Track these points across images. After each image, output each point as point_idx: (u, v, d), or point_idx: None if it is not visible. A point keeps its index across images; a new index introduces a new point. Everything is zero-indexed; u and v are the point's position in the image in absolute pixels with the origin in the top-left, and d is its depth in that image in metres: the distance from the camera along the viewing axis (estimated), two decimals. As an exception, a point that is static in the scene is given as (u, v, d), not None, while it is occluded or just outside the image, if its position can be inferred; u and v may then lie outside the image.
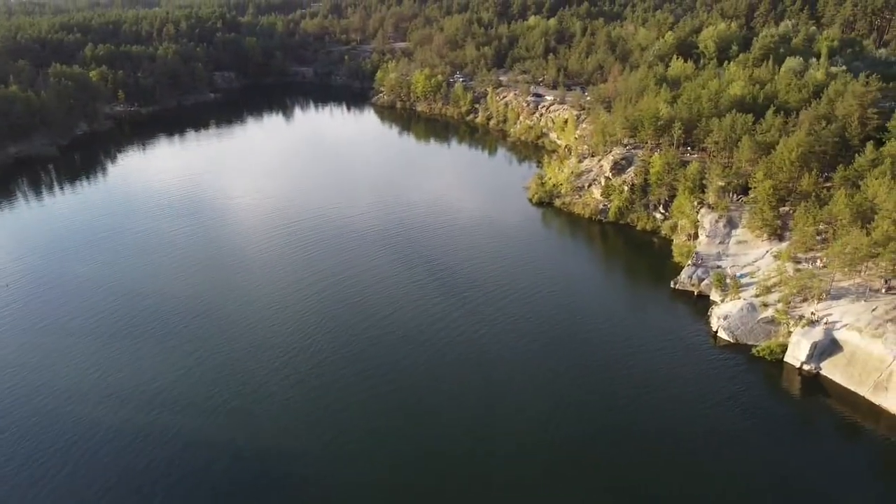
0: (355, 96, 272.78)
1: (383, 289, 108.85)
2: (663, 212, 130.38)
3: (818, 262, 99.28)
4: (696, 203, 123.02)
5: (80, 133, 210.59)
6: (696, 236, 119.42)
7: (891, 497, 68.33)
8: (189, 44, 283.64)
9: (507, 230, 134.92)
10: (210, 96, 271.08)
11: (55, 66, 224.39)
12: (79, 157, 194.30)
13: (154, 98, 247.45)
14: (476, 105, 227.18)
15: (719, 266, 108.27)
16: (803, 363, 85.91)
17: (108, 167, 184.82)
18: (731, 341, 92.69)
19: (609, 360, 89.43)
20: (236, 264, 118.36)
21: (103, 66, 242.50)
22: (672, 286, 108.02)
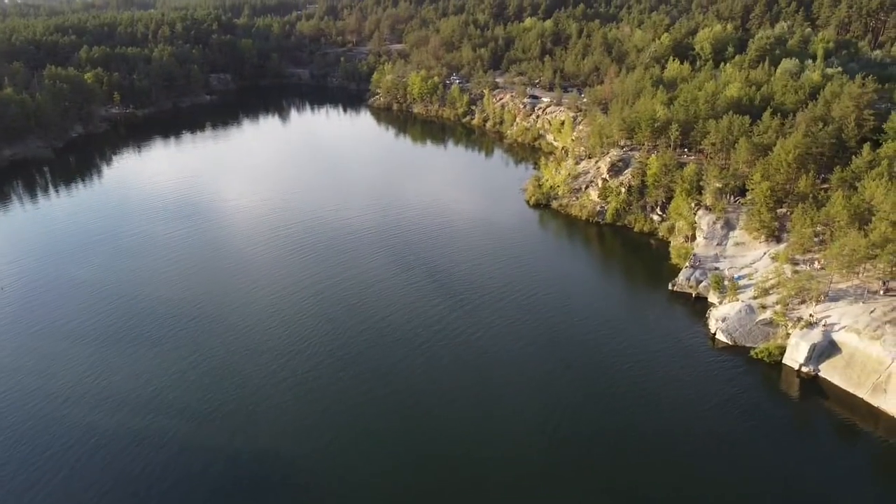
0: (351, 98, 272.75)
1: (380, 291, 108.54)
2: (660, 213, 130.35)
3: (816, 263, 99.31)
4: (693, 205, 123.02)
5: (75, 135, 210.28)
6: (693, 238, 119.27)
7: (889, 499, 68.22)
8: (185, 46, 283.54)
9: (504, 232, 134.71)
10: (206, 98, 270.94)
11: (50, 68, 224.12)
12: (74, 159, 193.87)
13: (150, 100, 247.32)
14: (472, 107, 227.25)
15: (717, 268, 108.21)
16: (802, 365, 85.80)
17: (104, 169, 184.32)
18: (729, 343, 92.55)
19: (607, 362, 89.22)
20: (232, 267, 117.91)
21: (98, 68, 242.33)
22: (670, 288, 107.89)
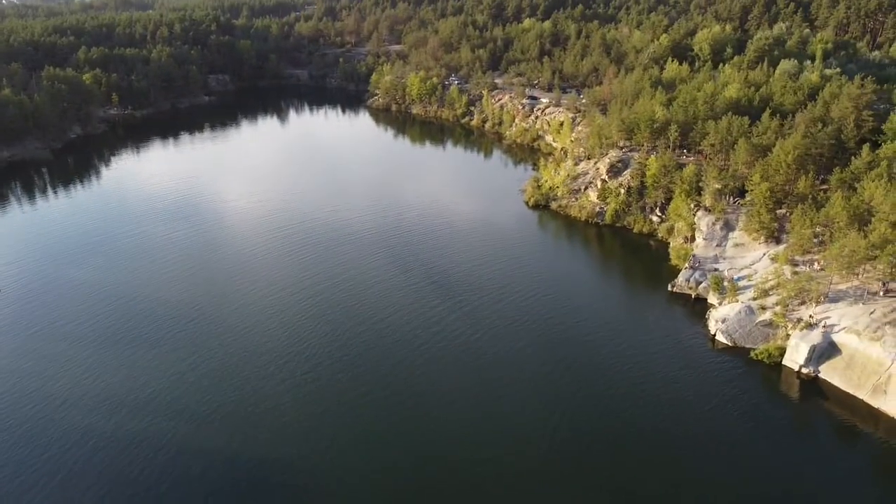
0: (350, 99, 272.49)
1: (379, 292, 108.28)
2: (660, 214, 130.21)
3: (815, 264, 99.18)
4: (692, 206, 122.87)
5: (73, 136, 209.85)
6: (692, 239, 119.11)
7: (890, 500, 68.07)
8: (183, 47, 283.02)
9: (503, 233, 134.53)
10: (204, 99, 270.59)
11: (48, 69, 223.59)
12: (72, 160, 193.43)
13: (148, 101, 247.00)
14: (471, 108, 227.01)
15: (716, 269, 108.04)
16: (802, 366, 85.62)
17: (102, 171, 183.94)
18: (728, 344, 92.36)
19: (606, 363, 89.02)
20: (231, 268, 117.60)
21: (97, 69, 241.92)
22: (669, 289, 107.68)
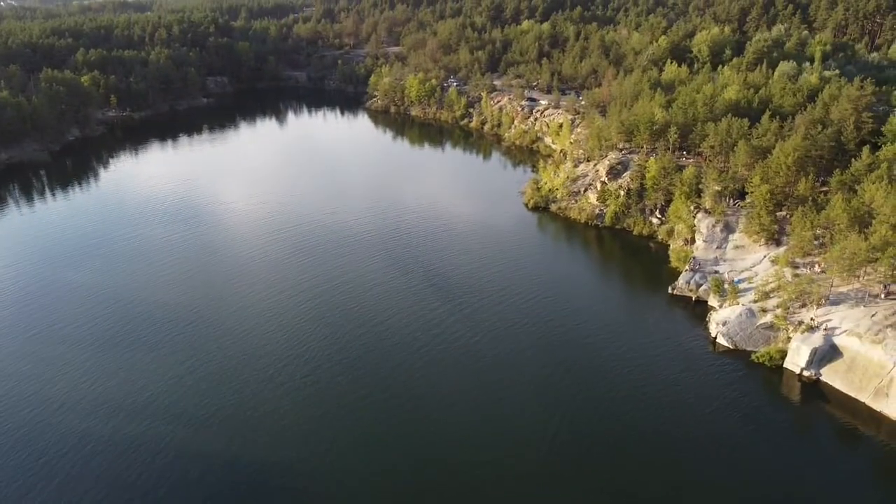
0: (349, 101, 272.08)
1: (378, 295, 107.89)
2: (660, 216, 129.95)
3: (816, 267, 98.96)
4: (692, 208, 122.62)
5: (71, 138, 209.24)
6: (692, 241, 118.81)
7: (891, 503, 67.75)
8: (181, 48, 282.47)
9: (502, 235, 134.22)
10: (203, 101, 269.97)
11: (46, 71, 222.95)
12: (71, 162, 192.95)
13: (146, 103, 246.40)
14: (470, 109, 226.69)
15: (717, 271, 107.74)
16: (803, 369, 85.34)
17: (101, 173, 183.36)
18: (729, 347, 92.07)
19: (606, 366, 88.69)
20: (229, 271, 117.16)
21: (95, 71, 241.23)
22: (669, 291, 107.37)
